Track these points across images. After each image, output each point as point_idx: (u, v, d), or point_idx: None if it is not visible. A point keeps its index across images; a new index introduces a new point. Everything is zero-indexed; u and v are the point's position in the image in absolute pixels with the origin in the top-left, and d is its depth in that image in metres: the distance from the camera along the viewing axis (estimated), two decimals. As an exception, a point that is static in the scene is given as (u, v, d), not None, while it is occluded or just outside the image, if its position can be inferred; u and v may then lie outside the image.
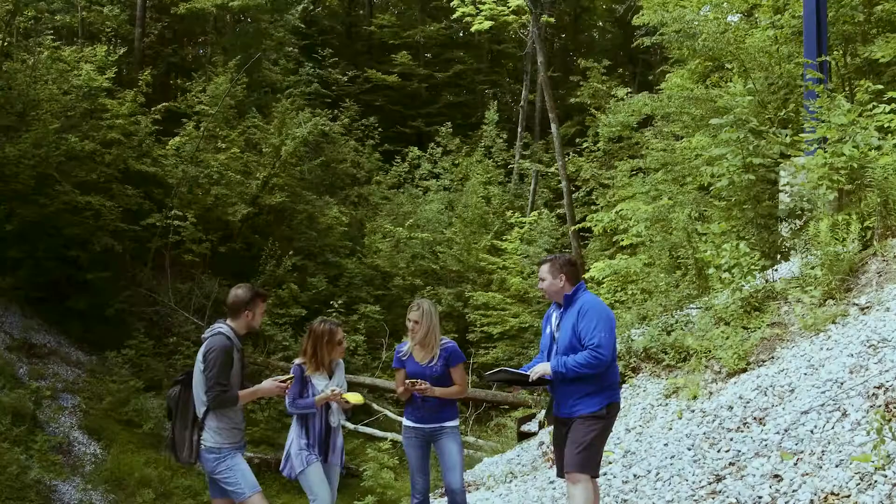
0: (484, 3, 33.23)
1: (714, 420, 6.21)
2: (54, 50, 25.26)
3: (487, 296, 23.91)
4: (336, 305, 22.12)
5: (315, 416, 6.36)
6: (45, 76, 24.21)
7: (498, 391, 18.56)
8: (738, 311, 7.24)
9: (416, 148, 36.03)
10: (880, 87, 8.99)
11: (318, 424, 6.31)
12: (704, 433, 6.06)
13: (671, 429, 6.66)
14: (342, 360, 6.65)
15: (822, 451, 4.98)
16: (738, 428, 5.82)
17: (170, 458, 12.95)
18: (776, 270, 8.38)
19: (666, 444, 6.38)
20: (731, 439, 5.73)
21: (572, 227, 21.42)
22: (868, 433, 4.77)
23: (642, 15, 21.62)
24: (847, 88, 11.96)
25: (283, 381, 6.23)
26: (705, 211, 10.95)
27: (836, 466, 4.73)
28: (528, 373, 5.57)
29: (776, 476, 5.05)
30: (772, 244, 9.12)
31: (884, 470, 4.40)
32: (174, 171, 24.73)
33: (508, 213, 26.52)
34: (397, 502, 14.54)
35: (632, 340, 8.50)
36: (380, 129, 36.36)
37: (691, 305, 8.50)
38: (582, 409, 5.31)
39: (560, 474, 5.50)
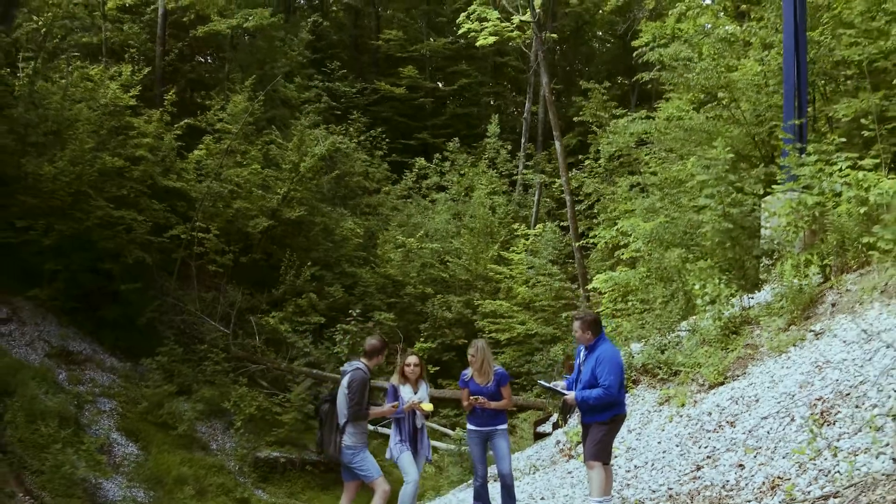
0: (488, 20, 34.44)
1: (697, 423, 7.65)
2: (82, 70, 26.61)
3: (495, 304, 25.26)
4: (354, 314, 23.42)
5: (405, 420, 8.54)
6: (76, 95, 25.57)
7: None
8: (718, 335, 8.65)
9: (422, 158, 37.40)
10: (843, 139, 10.38)
11: (408, 426, 7.97)
12: (689, 433, 7.49)
13: (663, 430, 8.10)
14: (425, 380, 8.94)
15: (775, 447, 6.39)
16: (715, 429, 7.26)
17: (319, 453, 15.28)
18: (752, 297, 9.78)
19: (659, 442, 7.86)
20: (709, 438, 7.20)
21: (576, 243, 22.79)
22: (806, 433, 6.21)
23: (641, 36, 23.03)
24: (826, 127, 13.21)
25: (393, 406, 8.52)
26: (694, 246, 12.35)
27: (783, 458, 6.15)
28: (563, 392, 7.51)
29: (740, 465, 6.51)
30: (748, 279, 10.49)
31: (814, 460, 5.84)
32: (197, 185, 26.03)
33: (514, 226, 27.86)
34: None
35: (633, 357, 9.90)
36: (387, 140, 37.77)
37: (681, 327, 9.89)
38: (596, 419, 7.29)
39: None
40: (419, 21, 43.53)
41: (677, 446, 7.39)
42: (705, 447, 7.07)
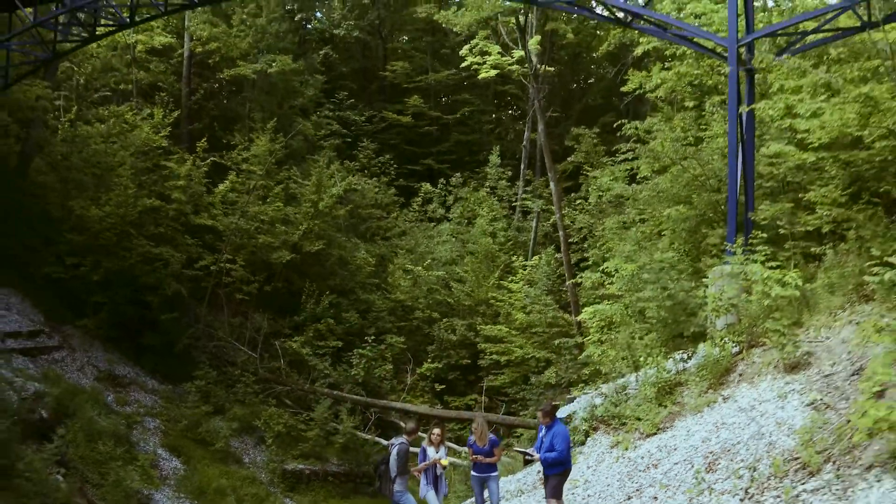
0: (489, 54, 36.87)
1: (633, 464, 10.19)
2: (118, 115, 29.27)
3: (495, 329, 27.86)
4: (369, 340, 26.06)
5: (429, 470, 11.80)
6: (114, 139, 28.23)
7: (505, 416, 22.69)
8: (657, 395, 11.28)
9: (427, 184, 39.99)
10: (765, 236, 12.95)
11: (432, 473, 11.68)
12: (627, 472, 10.04)
13: (611, 468, 10.70)
14: (444, 444, 12.18)
15: (678, 486, 8.89)
16: (644, 469, 9.76)
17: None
18: (686, 364, 12.29)
19: (606, 477, 10.50)
20: (640, 476, 9.75)
21: (570, 281, 25.44)
22: (696, 477, 8.79)
23: (629, 83, 25.64)
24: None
25: (423, 467, 11.86)
26: (644, 324, 14.92)
27: (682, 494, 8.65)
28: (532, 454, 10.72)
29: (655, 498, 9.06)
30: (685, 347, 13.02)
31: (698, 497, 8.39)
32: (224, 219, 28.65)
33: (513, 256, 30.47)
34: None
35: (595, 408, 12.46)
36: (395, 166, 40.38)
37: (632, 383, 12.44)
38: (553, 471, 10.34)
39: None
40: (425, 52, 46.02)
41: (618, 481, 9.94)
42: (636, 483, 9.60)
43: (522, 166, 40.39)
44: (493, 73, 36.62)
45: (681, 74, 19.80)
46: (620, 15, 18.78)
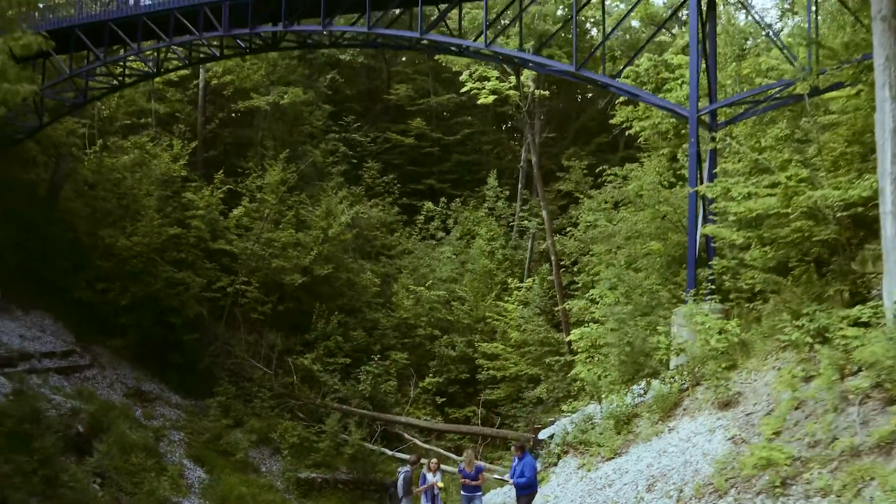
0: (489, 79, 38.91)
1: (593, 483, 12.25)
2: (140, 146, 31.50)
3: (492, 346, 30.05)
4: (376, 359, 28.30)
5: (428, 490, 14.11)
6: (137, 171, 30.43)
7: (498, 430, 24.93)
8: (614, 425, 13.42)
9: (429, 203, 42.15)
10: (714, 287, 15.22)
11: (430, 494, 13.91)
12: (588, 490, 12.12)
13: (576, 486, 12.76)
14: (440, 470, 14.45)
15: (625, 502, 10.97)
16: (601, 489, 11.83)
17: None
18: (642, 398, 14.40)
19: (572, 494, 12.56)
20: (598, 494, 11.80)
21: (560, 306, 27.73)
22: (636, 496, 10.88)
23: (616, 116, 27.86)
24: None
25: (424, 488, 14.42)
26: (608, 365, 17.08)
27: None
28: (507, 479, 12.94)
29: None
30: (642, 381, 15.18)
31: None
32: (240, 244, 30.86)
33: (509, 280, 32.70)
34: None
35: (567, 434, 14.60)
36: (398, 185, 42.56)
37: (597, 416, 14.59)
38: (523, 493, 12.78)
39: None
40: (426, 75, 48.11)
41: (580, 497, 11.99)
42: (594, 499, 11.61)
43: (520, 186, 42.48)
44: (491, 98, 38.71)
45: (655, 125, 22.04)
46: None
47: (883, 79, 10.48)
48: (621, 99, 25.55)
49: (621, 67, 22.04)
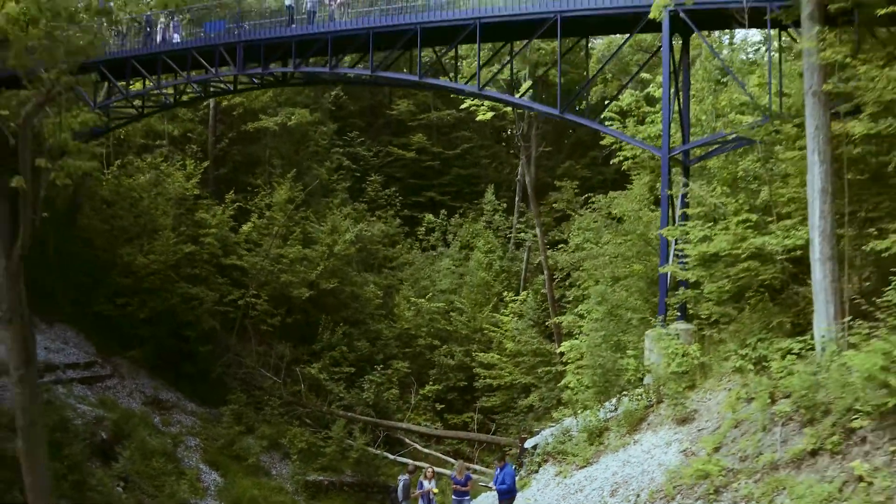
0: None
1: (567, 488, 13.97)
2: (154, 166, 33.28)
3: (488, 356, 31.83)
4: (379, 368, 30.13)
5: (424, 496, 15.85)
6: (153, 191, 32.23)
7: (493, 437, 26.70)
8: (588, 437, 15.14)
9: (430, 214, 43.91)
10: (678, 314, 17.00)
11: (426, 498, 15.61)
12: (563, 494, 13.85)
13: (553, 490, 14.46)
14: (434, 478, 16.34)
15: None
16: (574, 493, 13.55)
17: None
18: (613, 412, 16.17)
19: (549, 498, 14.28)
20: (571, 497, 13.50)
21: (552, 319, 29.55)
22: (601, 500, 12.61)
23: (605, 138, 29.65)
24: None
25: (420, 493, 16.27)
26: (587, 382, 18.85)
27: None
28: (491, 486, 14.50)
29: None
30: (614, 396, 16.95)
31: None
32: (250, 259, 32.69)
33: (505, 292, 34.49)
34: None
35: (547, 444, 16.37)
36: (400, 198, 44.34)
37: (574, 428, 16.34)
38: (504, 497, 14.53)
39: None
40: (427, 91, 49.78)
41: (556, 501, 13.72)
42: (567, 502, 13.50)
43: (517, 199, 44.19)
44: (489, 115, 40.40)
45: (635, 156, 23.91)
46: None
47: (813, 145, 12.24)
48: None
49: (606, 102, 23.82)
